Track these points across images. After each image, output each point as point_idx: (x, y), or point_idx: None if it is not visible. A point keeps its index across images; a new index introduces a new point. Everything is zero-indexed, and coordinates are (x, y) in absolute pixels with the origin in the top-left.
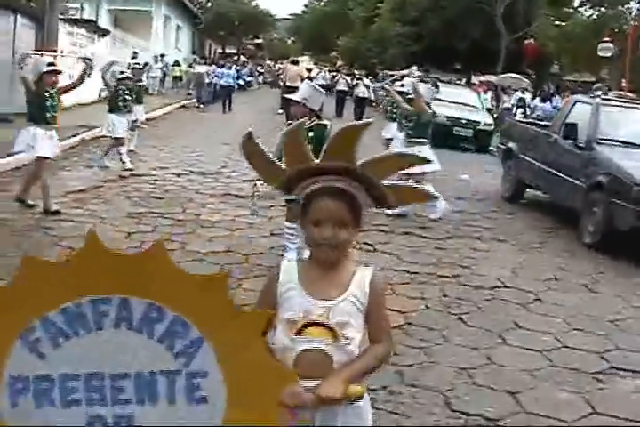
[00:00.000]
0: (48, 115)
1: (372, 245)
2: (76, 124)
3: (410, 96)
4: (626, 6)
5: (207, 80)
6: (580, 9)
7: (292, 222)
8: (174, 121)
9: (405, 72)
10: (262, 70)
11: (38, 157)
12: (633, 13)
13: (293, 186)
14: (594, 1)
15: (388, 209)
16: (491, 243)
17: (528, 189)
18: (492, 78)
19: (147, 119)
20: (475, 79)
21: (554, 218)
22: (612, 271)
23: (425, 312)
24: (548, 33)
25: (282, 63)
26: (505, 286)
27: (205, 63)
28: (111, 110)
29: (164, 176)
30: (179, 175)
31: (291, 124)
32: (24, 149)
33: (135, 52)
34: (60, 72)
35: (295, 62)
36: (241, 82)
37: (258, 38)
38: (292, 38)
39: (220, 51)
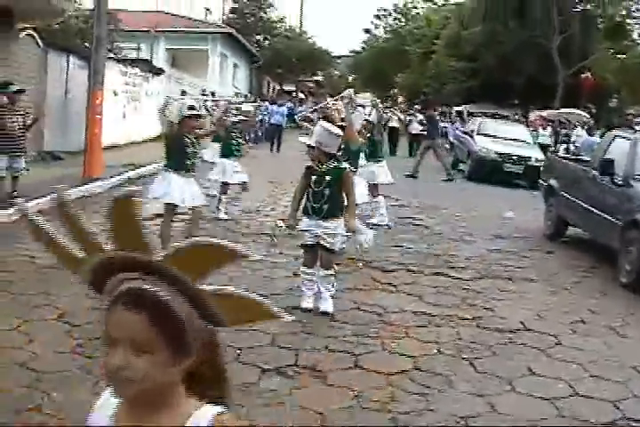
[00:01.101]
0: (188, 162)
1: (394, 286)
2: (123, 163)
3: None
4: None
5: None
6: (639, 41)
7: (309, 267)
8: None
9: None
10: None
11: (193, 207)
12: None
13: (100, 283)
14: None
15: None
16: (521, 283)
17: (571, 227)
18: (551, 113)
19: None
20: (532, 115)
21: (593, 257)
22: None
23: (435, 357)
24: (606, 66)
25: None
26: (526, 329)
27: (254, 100)
28: (225, 155)
29: (202, 214)
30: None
31: (310, 167)
32: (160, 195)
33: (184, 91)
34: (200, 116)
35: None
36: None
37: (317, 75)
38: (353, 75)
39: (278, 88)
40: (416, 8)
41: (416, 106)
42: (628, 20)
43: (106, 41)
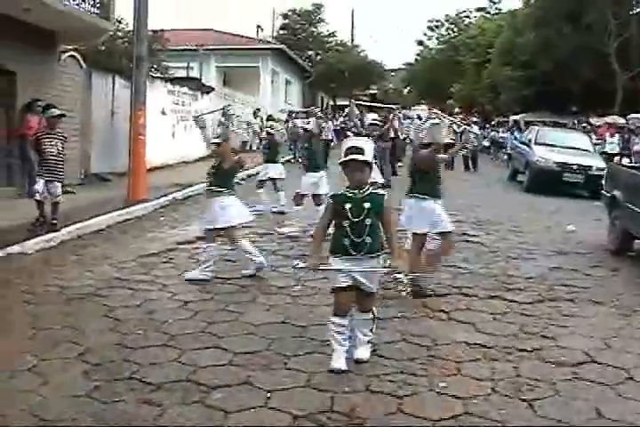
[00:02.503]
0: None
1: (446, 313)
2: (171, 183)
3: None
4: None
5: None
6: None
7: (342, 317)
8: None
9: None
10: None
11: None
12: None
13: None
14: None
15: None
16: (585, 306)
17: (637, 241)
18: (620, 120)
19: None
20: (597, 121)
21: None
22: None
23: (490, 398)
24: None
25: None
26: (592, 361)
27: (297, 117)
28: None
29: (246, 236)
30: (261, 235)
31: (339, 195)
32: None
33: (226, 106)
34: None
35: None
36: (349, 133)
37: (370, 89)
38: (408, 88)
39: (331, 103)
40: (469, 17)
41: (474, 117)
42: None
43: (147, 60)
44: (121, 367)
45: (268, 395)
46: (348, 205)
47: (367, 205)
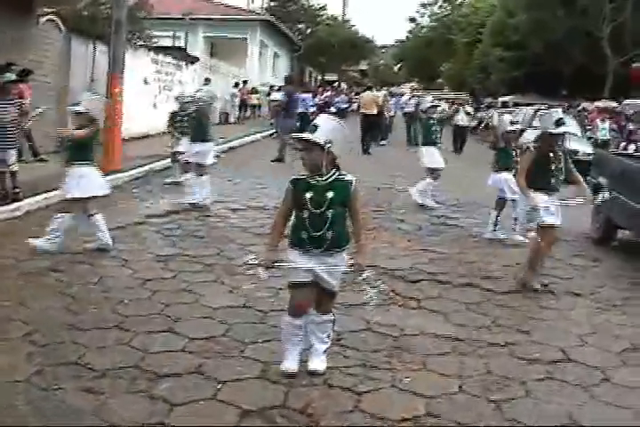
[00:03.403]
0: None
1: (417, 300)
2: (149, 154)
3: None
4: None
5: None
6: None
7: (297, 317)
8: (250, 151)
9: None
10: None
11: None
12: None
13: None
14: None
15: None
16: (564, 299)
17: (621, 230)
18: (612, 104)
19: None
20: (588, 106)
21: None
22: None
23: (455, 397)
24: None
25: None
26: (568, 360)
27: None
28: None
29: (218, 211)
30: (234, 211)
31: (300, 179)
32: None
33: (207, 79)
34: None
35: (370, 88)
36: (333, 109)
37: (360, 65)
38: (399, 65)
39: (320, 78)
40: None
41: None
42: None
43: (126, 25)
44: (67, 350)
45: (219, 386)
46: (308, 195)
47: (330, 194)
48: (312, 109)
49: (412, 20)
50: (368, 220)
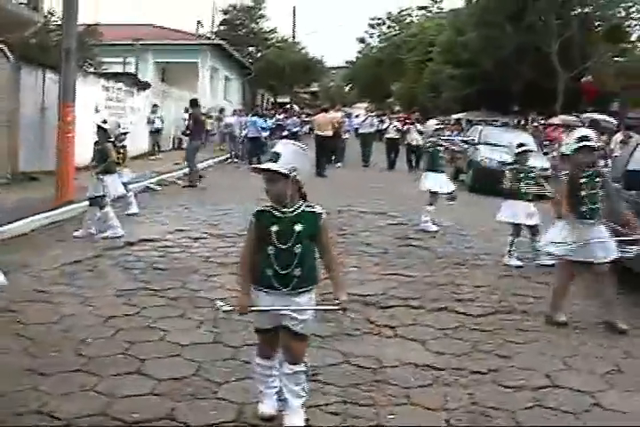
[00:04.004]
0: None
1: (393, 328)
2: None
3: None
4: None
5: (240, 132)
6: (638, 44)
7: (267, 358)
8: (205, 177)
9: None
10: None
11: None
12: None
13: None
14: None
15: None
16: (540, 319)
17: None
18: (566, 120)
19: (178, 177)
20: (543, 121)
21: (618, 282)
22: None
23: None
24: (607, 69)
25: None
26: (554, 386)
27: (235, 113)
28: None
29: (178, 241)
30: (195, 240)
31: (263, 212)
32: None
33: (155, 105)
34: None
35: (325, 110)
36: (284, 133)
37: (311, 87)
38: (349, 86)
39: (272, 100)
40: (410, 15)
41: (415, 115)
42: (627, 22)
43: (76, 54)
44: (28, 398)
45: None
46: (274, 228)
47: (298, 227)
48: (265, 134)
49: (362, 40)
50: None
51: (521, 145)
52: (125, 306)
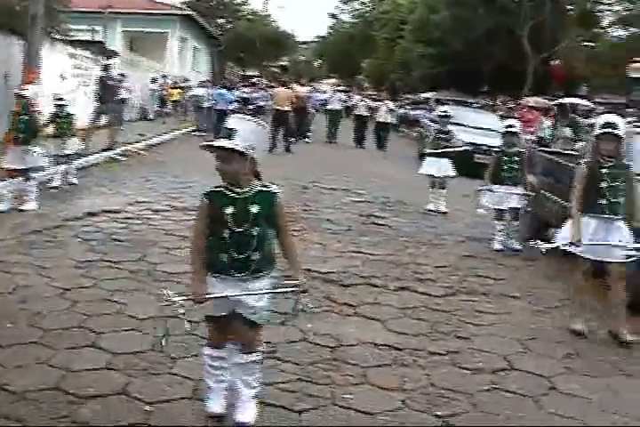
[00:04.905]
0: None
1: (353, 307)
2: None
3: None
4: None
5: (207, 104)
6: (609, 29)
7: (217, 348)
8: (170, 149)
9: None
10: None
11: None
12: None
13: None
14: (624, 21)
15: None
16: (501, 301)
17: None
18: (539, 102)
19: (142, 148)
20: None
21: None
22: None
23: (400, 413)
24: (576, 53)
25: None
26: (512, 369)
27: (203, 85)
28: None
29: (140, 213)
30: (156, 211)
31: (217, 192)
32: None
33: (122, 74)
34: None
35: (284, 84)
36: (251, 106)
37: (281, 61)
38: (320, 61)
39: (241, 73)
40: None
41: (384, 93)
42: (598, 7)
43: (42, 19)
44: None
45: (147, 408)
46: (228, 210)
47: (254, 208)
48: (232, 106)
49: (333, 16)
50: (297, 220)
51: (509, 126)
52: (83, 278)
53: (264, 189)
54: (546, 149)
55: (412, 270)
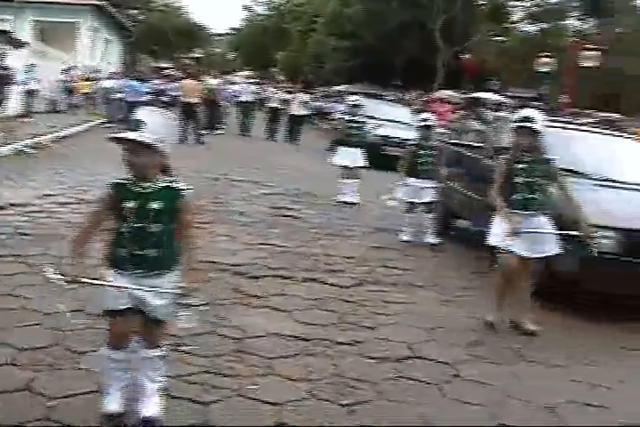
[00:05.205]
0: None
1: (260, 298)
2: None
3: None
4: (565, 22)
5: (118, 96)
6: (518, 24)
7: (118, 349)
8: (80, 141)
9: None
10: None
11: None
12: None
13: None
14: (533, 16)
15: None
16: (407, 291)
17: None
18: (453, 96)
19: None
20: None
21: (484, 255)
22: (559, 328)
23: (306, 403)
24: (487, 48)
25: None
26: (416, 357)
27: (112, 77)
28: None
29: (46, 206)
30: (63, 205)
31: (121, 185)
32: None
33: (32, 64)
34: None
35: (192, 75)
36: (164, 98)
37: (195, 53)
38: (234, 53)
39: (154, 65)
40: None
41: (297, 85)
42: (509, 3)
43: None
44: None
45: (50, 403)
46: (129, 204)
47: (156, 204)
48: (144, 98)
49: (247, 8)
50: (205, 213)
51: (424, 120)
52: None
53: (170, 185)
54: (454, 141)
55: (321, 262)
